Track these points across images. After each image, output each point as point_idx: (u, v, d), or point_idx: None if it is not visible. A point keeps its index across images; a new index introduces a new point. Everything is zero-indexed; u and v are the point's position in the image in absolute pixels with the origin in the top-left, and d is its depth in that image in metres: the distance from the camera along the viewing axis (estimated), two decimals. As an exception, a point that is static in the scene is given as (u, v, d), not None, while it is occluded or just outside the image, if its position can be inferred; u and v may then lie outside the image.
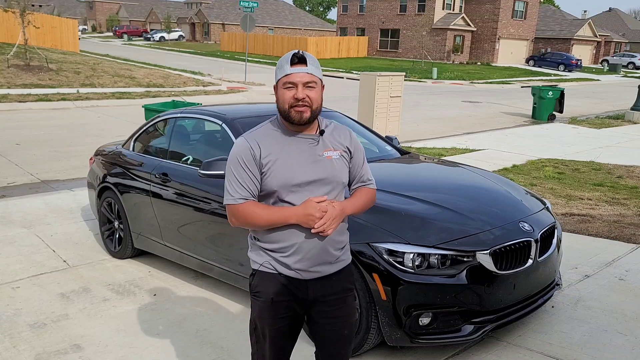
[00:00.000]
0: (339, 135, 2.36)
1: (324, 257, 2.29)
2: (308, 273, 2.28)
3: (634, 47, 68.74)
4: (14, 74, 18.44)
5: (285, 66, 2.19)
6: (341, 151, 2.32)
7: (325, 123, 2.36)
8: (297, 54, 2.19)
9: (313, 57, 2.23)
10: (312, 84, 2.19)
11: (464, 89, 27.26)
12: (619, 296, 4.41)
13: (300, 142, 2.27)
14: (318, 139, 2.29)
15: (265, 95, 20.36)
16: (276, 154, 2.23)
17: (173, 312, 4.11)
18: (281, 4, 77.06)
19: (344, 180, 2.33)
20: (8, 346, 3.59)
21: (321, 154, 2.27)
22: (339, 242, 2.35)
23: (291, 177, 2.21)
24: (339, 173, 2.30)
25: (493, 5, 48.03)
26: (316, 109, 2.22)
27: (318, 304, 2.33)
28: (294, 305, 2.30)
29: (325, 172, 2.26)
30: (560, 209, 6.69)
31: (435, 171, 4.75)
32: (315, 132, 2.30)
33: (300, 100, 2.17)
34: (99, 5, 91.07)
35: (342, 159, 2.32)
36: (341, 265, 2.37)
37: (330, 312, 2.34)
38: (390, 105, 12.13)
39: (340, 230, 2.33)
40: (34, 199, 6.93)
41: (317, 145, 2.28)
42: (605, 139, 12.77)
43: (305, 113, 2.19)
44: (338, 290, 2.35)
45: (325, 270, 2.31)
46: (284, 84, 2.20)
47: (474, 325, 3.35)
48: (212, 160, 3.73)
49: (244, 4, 25.62)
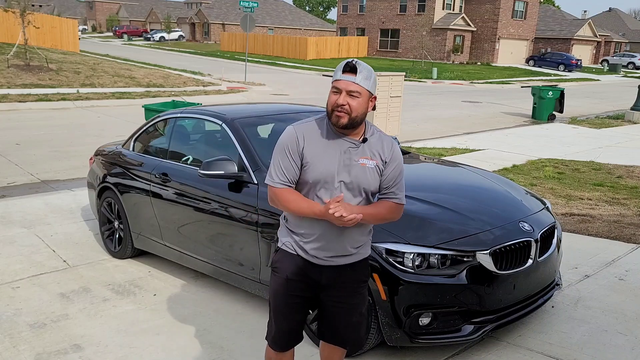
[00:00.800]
0: (381, 146, 2.48)
1: (340, 251, 2.48)
2: (323, 260, 2.49)
3: (634, 47, 68.74)
4: (14, 74, 18.44)
5: (338, 71, 2.37)
6: (377, 161, 2.45)
7: (372, 132, 2.49)
8: (350, 62, 2.35)
9: (367, 69, 2.36)
10: (356, 93, 2.33)
11: (464, 89, 27.26)
12: (619, 296, 4.41)
13: (342, 144, 2.42)
14: (359, 145, 2.43)
15: (266, 95, 20.36)
16: (317, 150, 2.40)
17: (173, 312, 4.11)
18: (281, 4, 77.06)
19: (372, 189, 2.46)
20: (8, 346, 3.60)
21: (357, 160, 2.41)
22: (358, 241, 2.53)
23: (324, 175, 2.39)
24: (368, 182, 2.43)
25: (493, 5, 48.03)
26: (355, 117, 2.35)
27: (331, 289, 2.53)
28: (305, 286, 2.52)
29: (354, 178, 2.41)
30: (560, 209, 6.69)
31: (435, 171, 4.75)
32: (359, 138, 2.44)
33: (340, 105, 2.33)
34: (99, 5, 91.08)
35: (376, 169, 2.44)
36: (356, 259, 2.55)
37: (340, 297, 2.54)
38: (390, 105, 12.13)
39: (360, 231, 2.52)
40: (34, 199, 6.93)
41: (357, 150, 2.42)
42: (605, 139, 12.77)
43: (342, 119, 2.34)
44: (351, 280, 2.55)
45: (340, 261, 2.50)
46: (333, 87, 2.38)
47: (474, 325, 3.35)
48: (212, 160, 3.74)
49: (244, 4, 25.62)
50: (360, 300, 2.60)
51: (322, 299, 2.58)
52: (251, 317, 4.03)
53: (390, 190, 2.49)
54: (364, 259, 2.60)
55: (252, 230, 3.82)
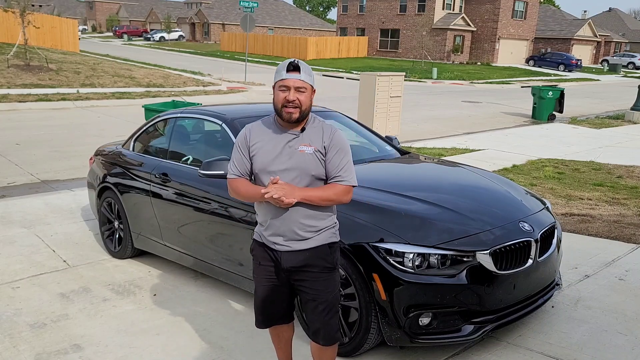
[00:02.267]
0: (321, 133, 2.69)
1: (291, 235, 2.68)
2: (279, 246, 2.71)
3: (634, 47, 68.72)
4: (14, 74, 18.44)
5: (282, 71, 2.61)
6: (315, 147, 2.65)
7: (313, 122, 2.73)
8: (293, 62, 2.60)
9: (306, 66, 2.64)
10: (303, 89, 2.60)
11: (464, 89, 27.26)
12: (619, 296, 4.40)
13: (286, 136, 2.68)
14: (299, 134, 2.68)
15: (265, 95, 20.36)
16: (262, 143, 2.68)
17: (173, 312, 4.11)
18: (281, 4, 77.05)
19: (312, 173, 2.65)
20: (8, 346, 3.60)
21: (297, 148, 2.65)
22: (307, 225, 2.68)
23: (267, 163, 2.65)
24: (308, 165, 2.64)
25: (493, 5, 48.02)
26: (305, 110, 2.63)
27: (294, 274, 2.73)
28: (274, 270, 2.76)
29: (295, 163, 2.63)
30: (560, 209, 6.69)
31: (435, 171, 4.75)
32: (299, 129, 2.68)
33: (291, 102, 2.58)
34: (99, 5, 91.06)
35: (315, 155, 2.65)
36: (312, 244, 2.70)
37: (305, 283, 2.73)
38: (390, 105, 12.13)
39: (308, 215, 2.66)
40: (34, 199, 6.93)
41: (297, 139, 2.66)
42: (605, 139, 12.77)
43: (294, 114, 2.60)
44: (313, 266, 2.70)
45: (294, 246, 2.69)
46: (279, 86, 2.62)
47: (474, 325, 3.35)
48: (212, 160, 3.73)
49: (244, 4, 25.62)
50: (324, 287, 2.72)
51: (292, 286, 2.80)
52: (251, 317, 4.02)
53: (338, 174, 2.66)
54: (326, 244, 2.73)
55: (252, 230, 3.81)
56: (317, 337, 2.80)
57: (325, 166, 2.66)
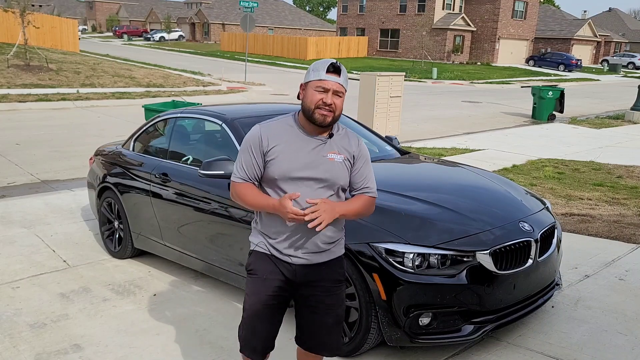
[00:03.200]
0: (348, 141, 2.52)
1: (312, 248, 2.48)
2: (297, 259, 2.49)
3: (634, 47, 68.73)
4: (14, 74, 18.44)
5: (320, 71, 2.39)
6: (345, 156, 2.48)
7: (338, 128, 2.53)
8: (335, 64, 2.39)
9: (345, 70, 2.44)
10: (340, 93, 2.41)
11: (464, 89, 27.26)
12: (619, 296, 4.41)
13: (310, 141, 2.45)
14: (326, 141, 2.47)
15: (265, 95, 20.36)
16: (282, 147, 2.43)
17: (173, 312, 4.11)
18: (281, 4, 77.05)
19: (341, 183, 2.48)
20: (8, 346, 3.60)
21: (325, 155, 2.45)
22: (329, 237, 2.51)
23: (290, 170, 2.41)
24: (337, 175, 2.46)
25: (493, 5, 48.03)
26: (337, 116, 2.43)
27: (306, 288, 2.52)
28: (283, 285, 2.51)
29: (324, 172, 2.43)
30: (560, 209, 6.69)
31: (435, 171, 4.75)
32: (326, 134, 2.48)
33: (327, 105, 2.37)
34: (99, 5, 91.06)
35: (344, 163, 2.48)
36: (331, 256, 2.55)
37: (316, 297, 2.53)
38: (390, 105, 12.13)
39: (332, 228, 2.50)
40: (34, 199, 6.93)
41: (324, 146, 2.46)
42: (605, 139, 12.77)
43: (328, 117, 2.39)
44: (327, 279, 2.53)
45: (313, 259, 2.50)
46: (316, 86, 2.39)
47: (474, 325, 3.35)
48: (212, 160, 3.73)
49: (244, 4, 25.62)
50: (335, 301, 2.56)
51: (297, 299, 2.57)
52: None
53: (366, 185, 2.54)
54: (339, 257, 2.59)
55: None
56: (318, 349, 2.61)
57: (351, 176, 2.51)
